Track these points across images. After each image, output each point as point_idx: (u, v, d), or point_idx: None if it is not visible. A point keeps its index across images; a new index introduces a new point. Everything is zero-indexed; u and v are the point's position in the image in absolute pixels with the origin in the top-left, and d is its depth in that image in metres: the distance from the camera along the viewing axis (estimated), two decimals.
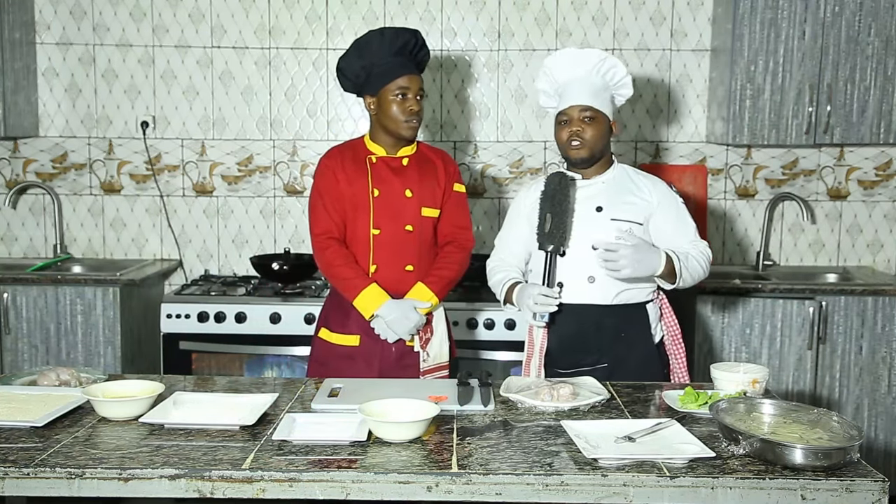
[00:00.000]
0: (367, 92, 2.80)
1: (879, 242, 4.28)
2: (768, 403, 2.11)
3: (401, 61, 2.76)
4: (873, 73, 3.85)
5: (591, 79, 2.66)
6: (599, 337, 2.63)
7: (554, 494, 1.78)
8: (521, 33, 4.17)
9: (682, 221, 2.70)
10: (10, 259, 4.30)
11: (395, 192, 2.80)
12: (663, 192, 2.71)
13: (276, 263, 3.90)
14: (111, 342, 3.76)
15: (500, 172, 4.25)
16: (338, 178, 2.80)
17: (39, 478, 1.80)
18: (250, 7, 4.18)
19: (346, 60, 2.81)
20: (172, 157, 4.27)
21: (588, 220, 2.64)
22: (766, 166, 4.24)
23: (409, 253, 2.81)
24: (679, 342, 2.74)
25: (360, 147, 2.87)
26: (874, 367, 3.73)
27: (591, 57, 2.67)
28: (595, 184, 2.69)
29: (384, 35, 2.76)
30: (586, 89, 2.64)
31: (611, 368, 2.63)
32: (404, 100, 2.73)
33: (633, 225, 2.63)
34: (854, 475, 1.79)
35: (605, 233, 2.61)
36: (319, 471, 1.80)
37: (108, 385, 2.24)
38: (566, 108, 2.65)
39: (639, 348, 2.67)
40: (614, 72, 2.68)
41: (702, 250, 2.67)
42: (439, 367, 2.85)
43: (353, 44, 2.80)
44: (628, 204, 2.66)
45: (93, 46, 4.21)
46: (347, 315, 2.82)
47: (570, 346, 2.65)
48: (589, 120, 2.62)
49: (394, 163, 2.83)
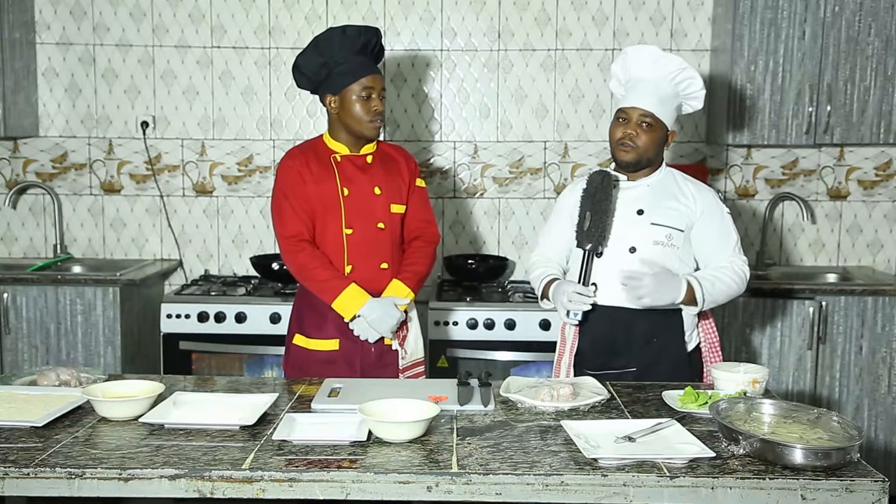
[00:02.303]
0: (327, 91, 2.75)
1: (879, 242, 4.28)
2: (768, 403, 2.11)
3: (363, 60, 2.72)
4: (873, 73, 3.85)
5: (664, 84, 2.59)
6: (630, 340, 2.61)
7: (554, 494, 1.78)
8: (521, 33, 4.17)
9: (725, 234, 2.65)
10: (10, 259, 4.30)
11: (364, 191, 2.77)
12: (709, 201, 2.66)
13: (276, 263, 3.89)
14: (111, 342, 3.76)
15: (500, 172, 4.25)
16: (304, 178, 2.75)
17: (39, 478, 1.80)
18: (250, 7, 4.18)
19: (305, 57, 2.75)
20: (172, 157, 4.27)
21: (628, 222, 2.62)
22: (766, 166, 4.24)
23: (382, 251, 2.79)
24: (717, 350, 2.70)
25: (321, 146, 2.82)
26: (874, 367, 3.73)
27: (671, 63, 2.59)
28: (639, 186, 2.66)
29: (346, 33, 2.71)
30: (655, 93, 2.58)
31: (640, 373, 2.60)
32: (368, 100, 2.71)
33: (674, 231, 2.60)
34: (854, 475, 1.79)
35: (644, 236, 2.59)
36: (319, 471, 1.80)
37: (108, 385, 2.24)
38: (627, 107, 2.60)
39: (670, 354, 2.63)
40: (690, 83, 2.62)
41: (737, 268, 2.62)
42: (416, 363, 2.85)
43: (313, 41, 2.75)
44: (671, 209, 2.62)
45: (93, 46, 4.21)
46: (324, 319, 2.77)
47: (600, 348, 2.63)
48: (646, 126, 2.57)
49: (358, 161, 2.80)
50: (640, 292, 2.50)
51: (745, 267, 2.66)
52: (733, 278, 2.61)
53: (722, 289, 2.59)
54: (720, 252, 2.64)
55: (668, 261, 2.59)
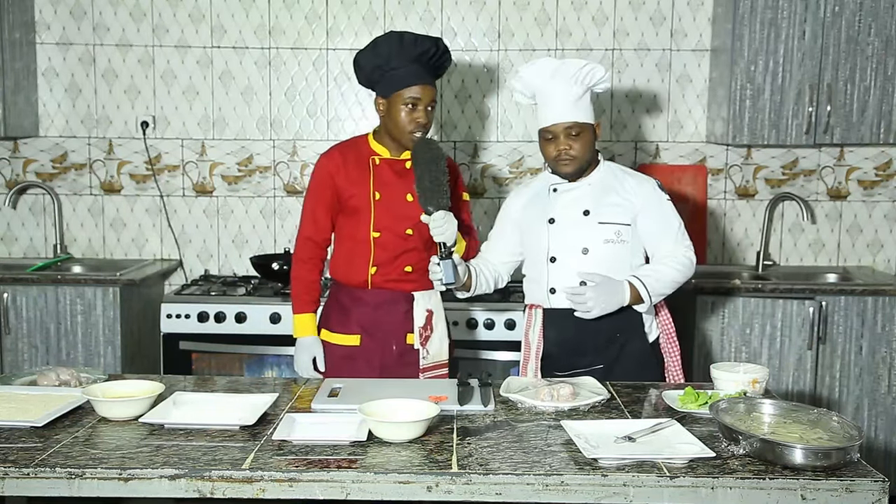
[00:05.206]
0: (378, 92, 2.77)
1: (879, 242, 4.28)
2: (768, 403, 2.11)
3: (416, 69, 2.70)
4: (873, 73, 3.85)
5: (572, 89, 2.60)
6: (594, 339, 2.64)
7: (554, 494, 1.78)
8: (521, 33, 4.17)
9: (665, 223, 2.67)
10: (10, 259, 4.30)
11: (396, 196, 2.78)
12: (647, 191, 2.68)
13: (276, 263, 3.89)
14: (111, 342, 3.76)
15: (501, 172, 4.25)
16: (335, 180, 2.79)
17: (39, 478, 1.80)
18: (250, 7, 4.18)
19: (363, 56, 2.77)
20: (172, 157, 4.27)
21: (576, 223, 2.65)
22: (766, 166, 4.24)
23: (408, 255, 2.80)
24: (673, 340, 2.74)
25: (364, 146, 2.84)
26: (874, 367, 3.73)
27: (569, 68, 2.60)
28: (581, 186, 2.68)
29: (403, 40, 2.71)
30: (569, 103, 2.59)
31: (607, 369, 2.64)
32: (413, 110, 2.69)
33: (621, 227, 2.63)
34: (854, 475, 1.79)
35: (593, 236, 2.62)
36: (319, 471, 1.80)
37: (108, 385, 2.24)
38: (550, 126, 2.61)
39: (633, 348, 2.67)
40: (591, 74, 2.62)
41: (680, 256, 2.64)
42: (439, 364, 2.85)
43: (372, 41, 2.76)
44: (614, 205, 2.65)
45: (93, 46, 4.21)
46: (348, 315, 2.82)
47: (565, 349, 2.67)
48: (575, 135, 2.59)
49: (397, 165, 2.81)
50: (586, 306, 2.52)
51: (689, 252, 2.67)
52: (676, 268, 2.62)
53: (666, 281, 2.61)
54: (663, 241, 2.66)
55: (620, 257, 2.63)
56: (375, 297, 2.80)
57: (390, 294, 2.80)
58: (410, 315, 2.81)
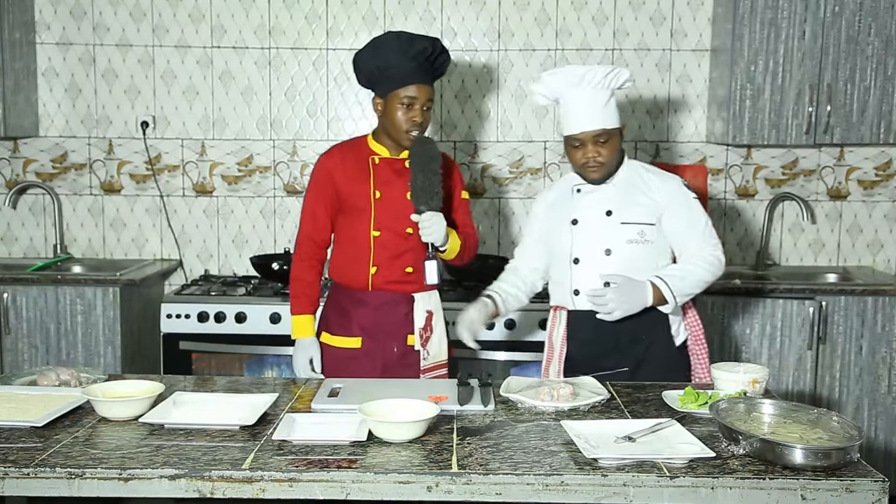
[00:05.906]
0: (376, 92, 2.78)
1: (879, 242, 4.28)
2: (768, 403, 2.11)
3: (413, 69, 2.70)
4: (873, 73, 3.85)
5: (598, 95, 2.57)
6: (618, 341, 2.61)
7: (554, 494, 1.78)
8: (521, 33, 4.17)
9: (692, 221, 2.63)
10: (10, 259, 4.30)
11: (396, 195, 2.78)
12: (672, 189, 2.65)
13: (276, 263, 3.89)
14: (111, 342, 3.76)
15: (501, 172, 4.25)
16: (335, 179, 2.79)
17: (39, 478, 1.80)
18: (250, 7, 4.18)
19: (361, 56, 2.78)
20: (172, 157, 4.27)
21: (599, 224, 2.62)
22: (766, 166, 4.24)
23: (408, 255, 2.80)
24: (701, 342, 2.71)
25: (363, 146, 2.85)
26: (874, 367, 3.73)
27: (596, 75, 2.57)
28: (604, 187, 2.66)
29: (399, 39, 2.72)
30: (597, 110, 2.56)
31: (632, 371, 2.60)
32: (409, 109, 2.69)
33: (645, 226, 2.60)
34: (854, 475, 1.79)
35: (616, 237, 2.59)
36: (319, 471, 1.80)
37: (108, 385, 2.24)
38: (578, 134, 2.57)
39: (660, 351, 2.64)
40: (617, 78, 2.61)
41: (708, 255, 2.60)
42: (438, 365, 2.86)
43: (371, 41, 2.77)
44: (638, 205, 2.62)
45: (93, 46, 4.21)
46: (349, 318, 2.82)
47: (589, 352, 2.64)
48: (603, 141, 2.57)
49: (397, 164, 2.81)
50: (607, 308, 2.49)
51: (717, 251, 2.63)
52: (703, 267, 2.58)
53: (692, 280, 2.56)
54: (690, 240, 2.62)
55: (645, 258, 2.60)
56: (376, 299, 2.80)
57: (391, 296, 2.80)
58: (411, 317, 2.82)
